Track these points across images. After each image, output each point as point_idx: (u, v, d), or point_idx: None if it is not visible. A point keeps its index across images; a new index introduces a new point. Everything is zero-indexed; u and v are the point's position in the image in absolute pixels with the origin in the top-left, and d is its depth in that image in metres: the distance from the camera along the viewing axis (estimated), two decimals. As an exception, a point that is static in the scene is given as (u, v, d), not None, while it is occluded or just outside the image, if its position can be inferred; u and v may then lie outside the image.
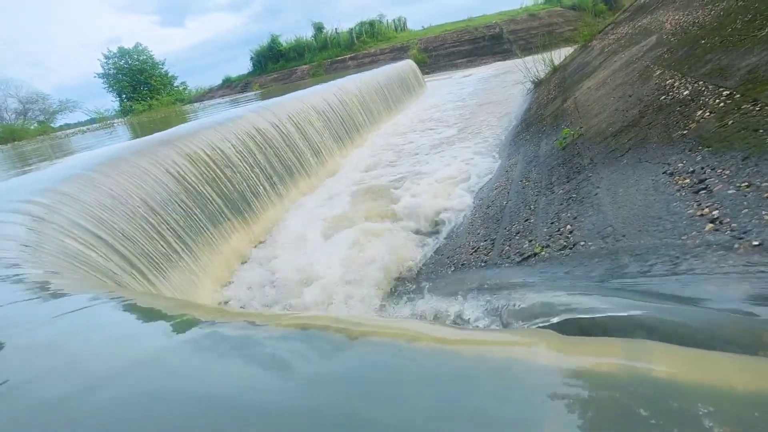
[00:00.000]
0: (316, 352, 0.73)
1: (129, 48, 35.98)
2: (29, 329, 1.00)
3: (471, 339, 0.69)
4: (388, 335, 0.72)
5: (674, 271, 1.36)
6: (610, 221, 2.03)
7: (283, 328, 0.78)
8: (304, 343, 0.77)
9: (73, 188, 3.19)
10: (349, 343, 0.71)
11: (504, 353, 0.63)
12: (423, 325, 0.76)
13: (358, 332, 0.74)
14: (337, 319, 0.78)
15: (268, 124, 6.14)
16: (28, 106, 31.89)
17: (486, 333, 0.77)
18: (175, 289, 3.39)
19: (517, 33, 25.74)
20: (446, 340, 0.70)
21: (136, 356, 0.90)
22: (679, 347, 0.65)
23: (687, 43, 3.52)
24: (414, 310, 2.43)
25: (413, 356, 0.66)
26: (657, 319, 1.05)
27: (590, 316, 1.23)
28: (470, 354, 0.66)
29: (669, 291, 1.24)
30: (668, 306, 1.13)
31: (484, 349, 0.65)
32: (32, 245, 2.22)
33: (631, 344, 0.62)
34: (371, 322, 0.81)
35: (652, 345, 0.62)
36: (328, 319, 0.79)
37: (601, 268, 1.69)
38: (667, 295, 1.18)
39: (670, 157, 2.13)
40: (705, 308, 1.06)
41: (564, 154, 3.60)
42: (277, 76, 31.12)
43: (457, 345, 0.70)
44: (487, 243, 3.04)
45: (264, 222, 5.00)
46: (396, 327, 0.75)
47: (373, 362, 0.66)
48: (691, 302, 1.15)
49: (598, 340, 0.65)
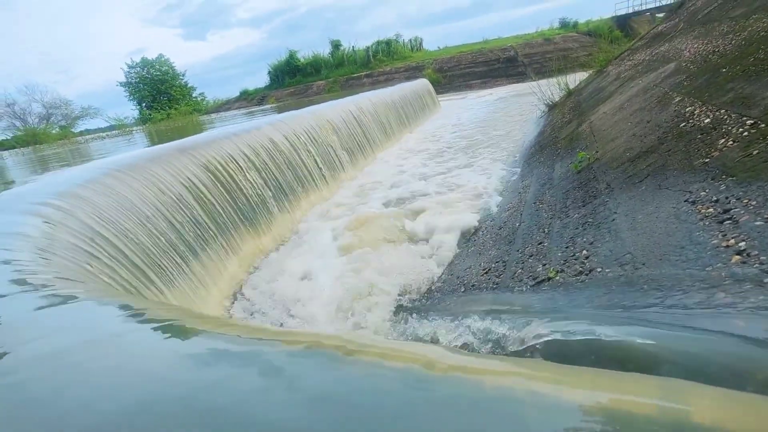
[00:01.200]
0: (327, 374, 0.70)
1: (152, 59, 37.12)
2: (36, 338, 0.99)
3: (490, 368, 0.65)
4: (403, 360, 0.68)
5: (700, 303, 1.30)
6: (629, 248, 1.97)
7: (293, 346, 0.75)
8: (314, 363, 0.74)
9: (89, 192, 3.23)
10: (363, 366, 0.68)
11: (528, 386, 0.59)
12: (438, 351, 0.73)
13: (372, 354, 0.71)
14: (350, 340, 0.75)
15: (282, 136, 6.21)
16: (51, 111, 32.86)
17: (506, 363, 0.73)
18: (182, 295, 3.37)
19: (531, 57, 25.96)
20: (464, 368, 0.67)
21: (139, 367, 0.88)
22: (715, 388, 0.60)
23: (707, 71, 3.49)
24: (423, 330, 2.38)
25: (429, 384, 0.63)
26: (686, 353, 1.00)
27: (611, 347, 1.17)
28: (490, 384, 0.62)
29: (695, 324, 1.19)
30: (695, 339, 1.08)
31: (506, 380, 0.62)
32: (45, 248, 2.23)
33: (667, 383, 0.57)
34: (385, 345, 0.77)
35: (689, 386, 0.58)
36: (339, 338, 0.76)
37: (619, 296, 1.63)
38: (694, 329, 1.13)
39: (691, 185, 2.08)
40: (735, 345, 1.01)
41: (579, 177, 3.55)
42: (294, 90, 31.68)
43: (476, 374, 0.66)
44: (498, 265, 2.98)
45: (276, 231, 5.00)
46: (410, 351, 0.72)
47: (388, 388, 0.62)
48: (719, 337, 1.10)
49: (631, 376, 0.61)
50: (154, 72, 37.00)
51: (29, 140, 23.76)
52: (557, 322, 1.45)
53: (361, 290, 3.27)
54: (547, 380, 0.61)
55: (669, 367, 1.03)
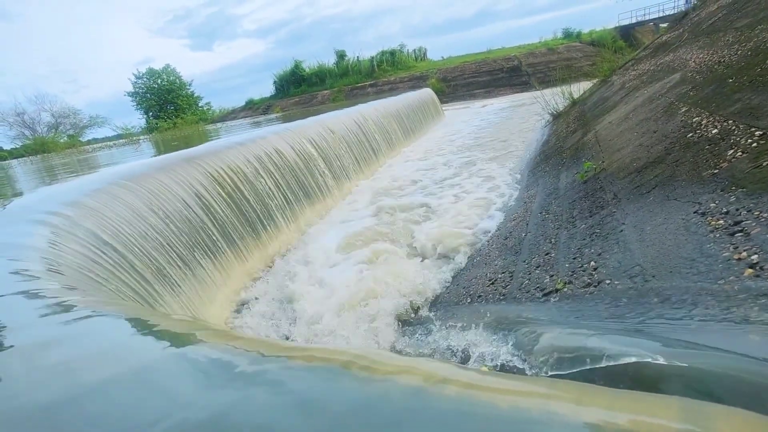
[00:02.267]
0: (337, 390, 0.69)
1: (158, 69, 37.61)
2: (45, 348, 0.98)
3: (505, 387, 0.64)
4: (417, 376, 0.67)
5: (712, 317, 1.28)
6: (638, 260, 1.95)
7: (302, 362, 0.75)
8: (324, 379, 0.73)
9: (97, 202, 3.25)
10: (374, 382, 0.67)
11: (544, 406, 0.58)
12: (450, 368, 0.72)
13: (383, 371, 0.70)
14: (360, 356, 0.74)
15: (288, 145, 6.25)
16: (60, 120, 33.33)
17: (520, 381, 0.72)
18: (188, 303, 3.37)
19: (535, 66, 26.09)
20: (479, 387, 0.65)
21: (147, 382, 0.87)
22: (738, 410, 0.59)
23: (713, 81, 3.48)
24: (429, 343, 2.36)
25: (443, 403, 0.61)
26: (700, 370, 0.98)
27: (623, 362, 1.16)
28: (504, 404, 0.61)
29: (709, 340, 1.17)
30: (709, 356, 1.06)
31: (522, 399, 0.60)
32: (53, 257, 2.25)
33: (689, 405, 0.56)
34: (396, 361, 0.76)
35: (711, 407, 0.57)
36: (350, 354, 0.75)
37: (629, 309, 1.61)
38: (707, 346, 1.11)
39: (700, 196, 2.06)
40: (753, 362, 0.99)
41: (586, 187, 3.54)
42: (299, 100, 31.96)
43: (490, 393, 0.65)
44: (505, 275, 2.96)
45: (281, 239, 5.00)
46: (422, 368, 0.71)
47: (401, 406, 0.61)
48: (735, 353, 1.08)
49: (650, 397, 0.60)
50: (161, 82, 37.49)
51: (38, 149, 24.07)
52: (567, 336, 1.43)
53: (366, 300, 3.25)
54: (563, 399, 0.60)
55: (682, 384, 1.01)
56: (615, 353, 1.20)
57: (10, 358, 0.96)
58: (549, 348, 1.36)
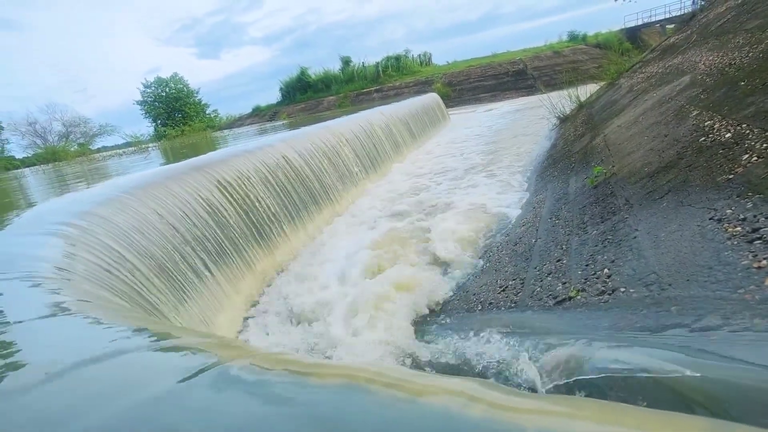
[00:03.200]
0: (359, 410, 0.69)
1: (166, 77, 38.11)
2: (61, 363, 0.99)
3: (533, 407, 0.63)
4: (442, 394, 0.67)
5: (733, 327, 1.26)
6: (653, 267, 1.93)
7: (324, 380, 0.74)
8: (347, 399, 0.73)
9: (109, 211, 3.28)
10: (398, 402, 0.66)
11: (572, 427, 0.57)
12: (474, 386, 0.70)
13: (409, 390, 0.69)
14: (382, 373, 0.73)
15: (296, 153, 6.28)
16: (71, 129, 33.88)
17: (544, 401, 0.71)
18: (198, 313, 3.39)
19: (541, 69, 26.05)
20: (503, 406, 0.64)
21: (162, 400, 0.87)
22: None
23: (724, 84, 3.45)
24: (440, 353, 2.34)
25: (469, 425, 0.61)
26: (724, 384, 0.96)
27: (643, 375, 1.14)
28: (532, 425, 0.60)
29: (731, 352, 1.14)
30: (733, 369, 1.03)
31: (548, 420, 0.59)
32: (66, 268, 2.27)
33: (720, 427, 0.55)
34: (420, 380, 0.75)
35: (741, 429, 0.55)
36: (371, 372, 0.75)
37: (647, 319, 1.59)
38: (732, 358, 1.09)
39: (716, 202, 2.03)
40: (779, 376, 0.97)
41: (596, 192, 3.51)
42: (305, 106, 32.18)
43: (515, 413, 0.64)
44: (516, 282, 2.94)
45: (290, 245, 5.01)
46: (446, 387, 0.70)
47: (428, 427, 0.60)
48: (760, 368, 1.05)
49: (678, 417, 0.58)
50: (169, 90, 37.97)
51: (49, 158, 24.46)
52: (583, 348, 1.41)
53: (375, 308, 3.24)
54: (591, 420, 0.59)
55: (706, 397, 0.99)
56: (635, 366, 1.18)
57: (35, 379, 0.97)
58: (565, 359, 1.34)
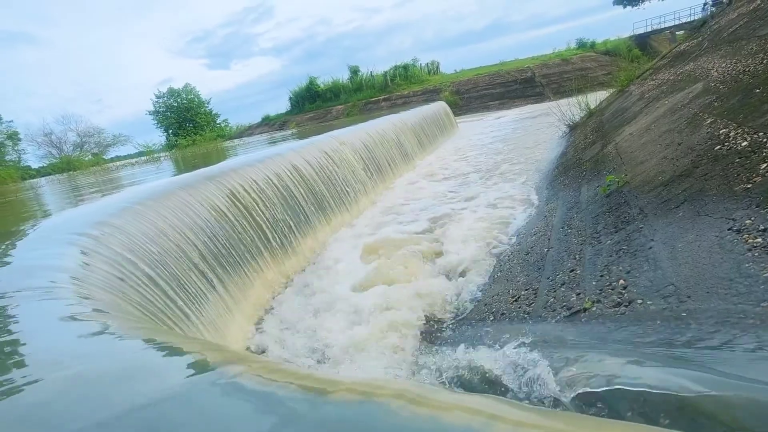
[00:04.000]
0: (380, 428, 0.68)
1: (178, 88, 38.85)
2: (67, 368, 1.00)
3: (557, 427, 0.62)
4: (463, 412, 0.65)
5: (759, 344, 1.23)
6: (671, 279, 1.89)
7: (341, 396, 0.73)
8: (367, 417, 0.72)
9: (123, 221, 3.33)
10: (421, 421, 0.65)
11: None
12: (496, 404, 0.69)
13: (429, 406, 0.68)
14: (401, 390, 0.72)
15: (305, 161, 6.33)
16: (85, 140, 34.55)
17: (564, 419, 0.69)
18: (209, 322, 3.40)
19: (549, 77, 26.01)
20: (526, 424, 0.63)
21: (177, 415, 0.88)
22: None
23: (739, 91, 3.41)
24: (451, 365, 2.31)
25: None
26: (751, 405, 0.93)
27: (665, 393, 1.11)
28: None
29: (756, 369, 1.11)
30: (761, 390, 1.00)
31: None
32: (82, 279, 2.30)
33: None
34: (441, 396, 0.74)
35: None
36: (390, 388, 0.74)
37: (665, 332, 1.56)
38: (756, 380, 1.05)
39: (734, 212, 2.00)
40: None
41: (609, 201, 3.47)
42: (313, 115, 32.46)
43: (537, 431, 0.63)
44: (528, 292, 2.90)
45: (299, 255, 5.03)
46: (467, 404, 0.69)
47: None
48: (787, 384, 1.02)
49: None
50: (181, 101, 38.65)
51: (64, 167, 24.97)
52: (602, 362, 1.39)
53: (386, 317, 3.23)
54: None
55: (731, 421, 0.96)
56: (654, 384, 1.16)
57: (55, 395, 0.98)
58: (583, 373, 1.31)
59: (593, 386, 1.28)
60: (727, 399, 1.01)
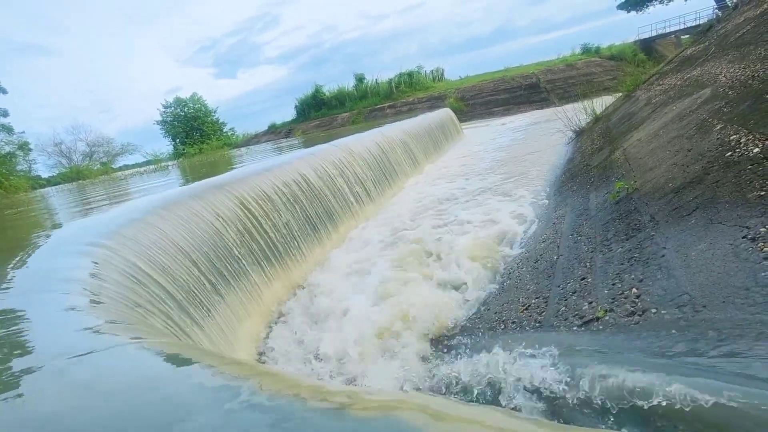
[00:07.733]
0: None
1: (185, 97, 39.34)
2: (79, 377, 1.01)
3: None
4: (484, 428, 0.65)
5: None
6: (685, 288, 1.87)
7: (364, 413, 0.73)
8: (380, 429, 0.72)
9: (134, 231, 3.36)
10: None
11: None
12: (514, 421, 0.69)
13: (452, 420, 0.68)
14: (423, 406, 0.72)
15: (312, 170, 6.36)
16: (94, 149, 35.02)
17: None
18: (218, 330, 3.41)
19: (554, 82, 26.00)
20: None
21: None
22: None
23: (748, 97, 3.38)
24: (462, 375, 2.30)
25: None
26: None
27: (680, 403, 1.10)
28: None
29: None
30: (784, 402, 0.99)
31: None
32: (94, 289, 2.32)
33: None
34: (456, 411, 0.74)
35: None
36: (412, 404, 0.74)
37: (682, 342, 1.54)
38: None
39: (748, 219, 1.98)
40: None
41: (618, 208, 3.45)
42: (319, 123, 32.65)
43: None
44: (539, 300, 2.88)
45: (308, 262, 5.04)
46: (487, 422, 0.68)
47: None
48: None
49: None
50: (188, 110, 39.10)
51: (73, 176, 25.31)
52: (618, 373, 1.37)
53: (393, 326, 3.22)
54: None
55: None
56: (675, 394, 1.14)
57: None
58: (601, 384, 1.30)
59: (612, 398, 1.27)
60: (744, 407, 0.99)
